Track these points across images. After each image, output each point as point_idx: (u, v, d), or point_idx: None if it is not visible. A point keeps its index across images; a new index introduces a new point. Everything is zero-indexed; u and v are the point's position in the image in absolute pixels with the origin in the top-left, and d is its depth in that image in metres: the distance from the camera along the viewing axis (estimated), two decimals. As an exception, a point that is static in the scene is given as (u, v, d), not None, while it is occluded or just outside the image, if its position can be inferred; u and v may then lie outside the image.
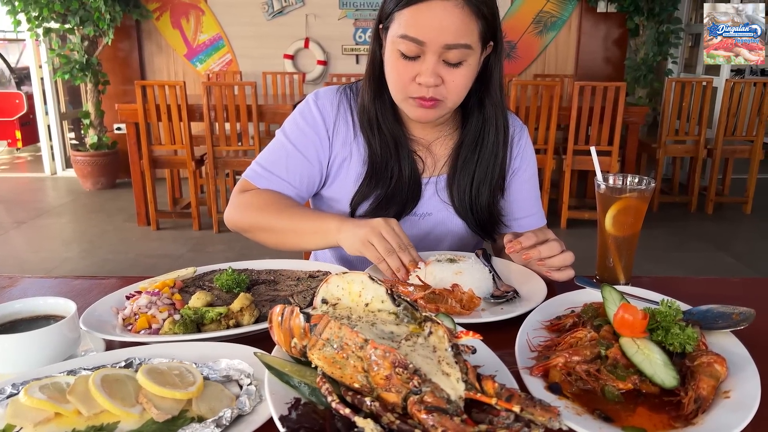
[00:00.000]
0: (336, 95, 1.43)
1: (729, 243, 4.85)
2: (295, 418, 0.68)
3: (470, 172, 1.39)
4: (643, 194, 1.17)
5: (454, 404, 0.67)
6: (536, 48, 6.62)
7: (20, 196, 6.38)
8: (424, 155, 1.41)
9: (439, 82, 1.22)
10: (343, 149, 1.41)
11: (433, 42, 1.17)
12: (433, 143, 1.42)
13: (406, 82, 1.24)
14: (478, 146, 1.38)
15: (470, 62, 1.22)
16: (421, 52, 1.19)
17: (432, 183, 1.42)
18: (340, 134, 1.41)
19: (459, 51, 1.19)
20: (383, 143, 1.37)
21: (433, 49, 1.18)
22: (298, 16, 6.53)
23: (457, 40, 1.17)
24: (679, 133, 5.35)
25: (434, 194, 1.42)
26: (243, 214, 1.37)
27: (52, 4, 5.62)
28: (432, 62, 1.19)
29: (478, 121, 1.38)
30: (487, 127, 1.37)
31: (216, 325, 1.00)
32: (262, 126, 5.33)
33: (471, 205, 1.40)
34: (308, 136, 1.40)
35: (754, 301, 1.02)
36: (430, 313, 0.79)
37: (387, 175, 1.37)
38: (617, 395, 0.79)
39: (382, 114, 1.36)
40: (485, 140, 1.38)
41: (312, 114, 1.41)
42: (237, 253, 4.48)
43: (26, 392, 0.74)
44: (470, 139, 1.38)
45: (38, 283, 1.30)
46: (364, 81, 1.38)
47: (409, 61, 1.22)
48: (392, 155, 1.37)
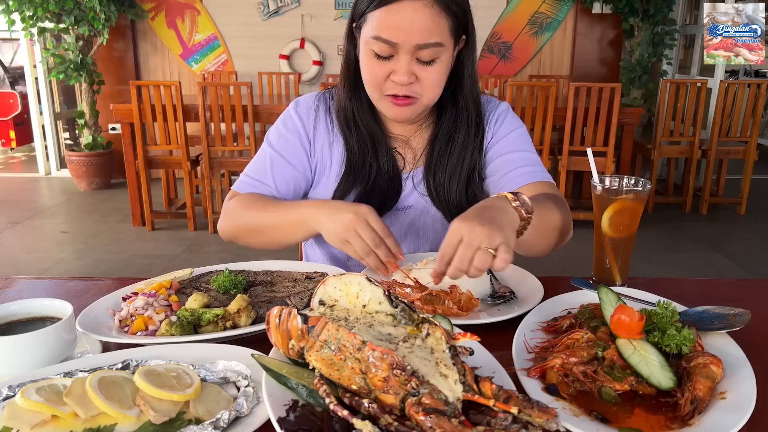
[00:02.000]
0: (315, 101, 1.46)
1: (723, 244, 4.87)
2: (293, 420, 0.68)
3: (444, 164, 1.39)
4: (639, 196, 1.17)
5: (452, 406, 0.67)
6: (532, 49, 6.63)
7: (14, 196, 6.35)
8: (403, 151, 1.42)
9: (413, 80, 1.23)
10: (324, 152, 1.43)
11: (405, 42, 1.19)
12: (411, 138, 1.43)
13: (381, 81, 1.25)
14: (452, 138, 1.39)
15: (443, 59, 1.24)
16: (394, 51, 1.21)
17: (410, 177, 1.43)
18: (320, 138, 1.43)
19: (431, 50, 1.20)
20: (360, 140, 1.38)
21: (405, 49, 1.20)
22: (293, 17, 6.53)
23: (428, 39, 1.19)
24: (673, 134, 5.37)
25: (413, 188, 1.42)
26: (229, 221, 1.39)
27: (46, 4, 5.59)
28: (405, 61, 1.21)
29: (451, 113, 1.38)
30: (459, 119, 1.38)
31: (213, 326, 1.00)
32: (257, 126, 5.31)
33: (447, 196, 1.40)
34: (291, 143, 1.42)
35: (749, 302, 1.03)
36: (427, 315, 0.79)
37: (365, 171, 1.38)
38: (614, 396, 0.80)
39: (358, 111, 1.37)
40: (458, 132, 1.38)
41: (293, 121, 1.44)
42: (232, 254, 4.47)
43: (23, 394, 0.74)
44: (444, 131, 1.39)
45: (34, 284, 1.30)
46: (339, 80, 1.39)
47: (383, 61, 1.23)
48: (369, 151, 1.38)
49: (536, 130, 4.73)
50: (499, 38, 6.53)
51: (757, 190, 5.93)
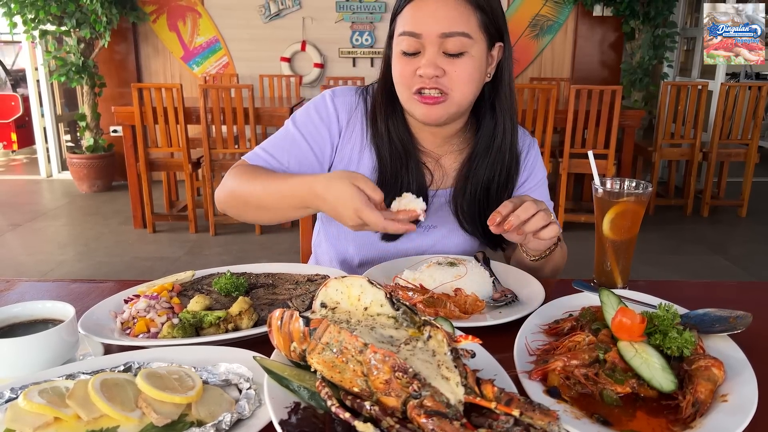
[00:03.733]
0: (354, 97, 1.41)
1: (724, 246, 4.87)
2: (295, 423, 0.68)
3: (480, 178, 1.37)
4: (640, 198, 1.17)
5: (454, 408, 0.67)
6: (532, 51, 6.64)
7: (16, 198, 6.36)
8: (432, 167, 1.39)
9: (440, 73, 1.21)
10: (353, 155, 1.39)
11: (429, 32, 1.19)
12: (443, 157, 1.40)
13: (408, 78, 1.24)
14: (490, 150, 1.36)
15: (473, 53, 1.22)
16: (420, 46, 1.21)
17: (440, 196, 1.40)
18: (353, 137, 1.39)
19: (457, 40, 1.19)
20: (393, 152, 1.35)
21: (430, 40, 1.19)
22: (294, 19, 6.54)
23: (452, 28, 1.18)
24: (674, 136, 5.37)
25: (441, 207, 1.40)
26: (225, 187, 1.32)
27: (48, 7, 5.61)
28: (431, 53, 1.20)
29: (490, 126, 1.36)
30: (497, 129, 1.36)
31: (215, 328, 1.00)
32: (258, 129, 5.32)
33: (479, 214, 1.38)
34: (318, 130, 1.38)
35: (750, 304, 1.03)
36: (429, 317, 0.79)
37: (397, 185, 1.34)
38: (615, 399, 0.80)
39: (393, 123, 1.35)
40: (495, 143, 1.36)
41: (327, 110, 1.39)
42: (233, 256, 4.48)
43: (25, 397, 0.74)
44: (483, 144, 1.37)
45: (36, 286, 1.30)
46: (377, 89, 1.37)
47: (411, 57, 1.23)
48: (402, 164, 1.35)
49: (537, 133, 4.73)
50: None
51: (757, 193, 5.93)
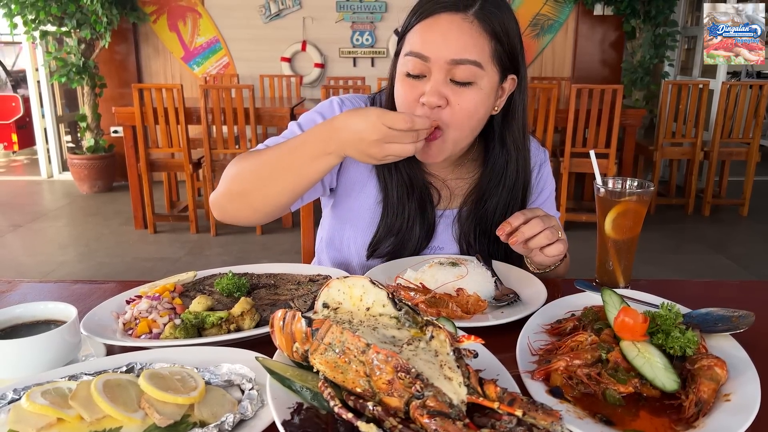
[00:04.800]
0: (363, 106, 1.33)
1: (726, 245, 4.87)
2: (298, 423, 0.68)
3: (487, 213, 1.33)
4: (642, 198, 1.17)
5: (457, 408, 0.67)
6: (533, 51, 6.64)
7: (17, 199, 6.37)
8: (439, 186, 1.36)
9: (442, 103, 1.12)
10: (358, 171, 1.35)
11: (438, 57, 1.10)
12: (449, 180, 1.37)
13: (411, 104, 1.14)
14: (501, 186, 1.32)
15: (481, 86, 1.13)
16: (427, 70, 1.12)
17: (447, 216, 1.37)
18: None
19: (467, 68, 1.11)
20: (400, 183, 1.30)
21: (438, 65, 1.11)
22: (295, 19, 6.54)
23: (462, 55, 1.10)
24: (675, 135, 5.37)
25: (447, 228, 1.37)
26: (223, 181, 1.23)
27: (48, 7, 5.61)
28: (437, 80, 1.11)
29: (500, 160, 1.30)
30: (510, 167, 1.31)
31: (217, 329, 1.00)
32: (259, 129, 5.32)
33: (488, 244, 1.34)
34: None
35: (753, 303, 1.03)
36: (431, 318, 0.79)
37: (404, 216, 1.31)
38: (618, 399, 0.80)
39: None
40: (506, 181, 1.32)
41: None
42: (234, 256, 4.48)
43: (28, 398, 0.74)
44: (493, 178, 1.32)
45: (37, 287, 1.30)
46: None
47: (415, 80, 1.14)
48: (409, 196, 1.30)
49: (538, 133, 4.73)
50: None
51: (759, 192, 5.93)
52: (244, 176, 1.18)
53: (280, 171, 1.14)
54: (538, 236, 1.13)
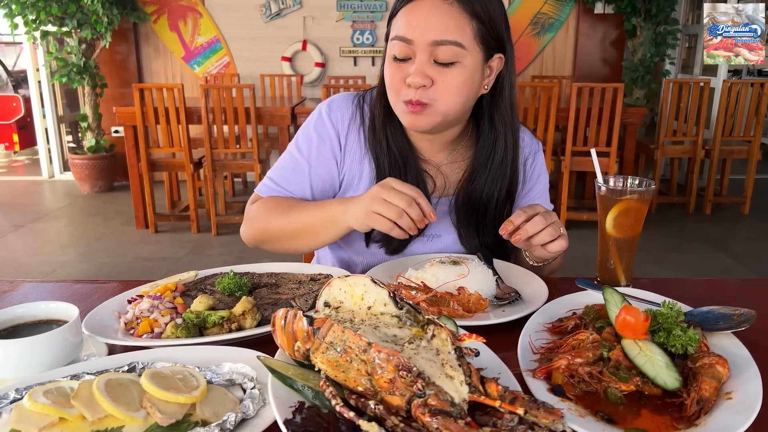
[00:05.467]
0: (350, 107, 1.39)
1: (727, 243, 4.86)
2: (300, 422, 0.68)
3: (478, 193, 1.35)
4: (643, 196, 1.17)
5: (458, 407, 0.67)
6: (534, 49, 6.63)
7: (18, 199, 6.37)
8: (434, 174, 1.38)
9: (427, 83, 1.17)
10: (354, 164, 1.38)
11: (420, 39, 1.15)
12: (444, 165, 1.39)
13: (398, 85, 1.21)
14: (489, 165, 1.34)
15: (465, 64, 1.18)
16: (411, 52, 1.17)
17: (442, 204, 1.38)
18: (352, 148, 1.38)
19: (449, 48, 1.15)
20: (391, 159, 1.34)
21: (421, 47, 1.16)
22: (295, 19, 6.54)
23: (444, 36, 1.15)
24: (676, 133, 5.36)
25: (444, 215, 1.38)
26: (253, 225, 1.36)
27: (49, 8, 5.61)
28: (421, 61, 1.17)
29: (489, 138, 1.33)
30: (498, 145, 1.33)
31: (218, 328, 1.00)
32: (260, 128, 5.33)
33: (479, 227, 1.37)
34: (321, 151, 1.37)
35: (754, 302, 1.03)
36: (432, 316, 0.79)
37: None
38: (620, 397, 0.80)
39: (391, 131, 1.33)
40: (495, 157, 1.33)
41: (325, 128, 1.38)
42: (235, 256, 4.48)
43: (30, 397, 0.74)
44: (482, 157, 1.34)
45: (39, 287, 1.30)
46: (376, 94, 1.35)
47: (401, 63, 1.20)
48: (400, 173, 1.33)
49: (539, 131, 4.73)
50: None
51: (760, 190, 5.92)
52: (270, 230, 1.34)
53: (301, 232, 1.30)
54: (541, 233, 1.13)
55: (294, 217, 1.30)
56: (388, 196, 1.11)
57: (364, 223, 1.16)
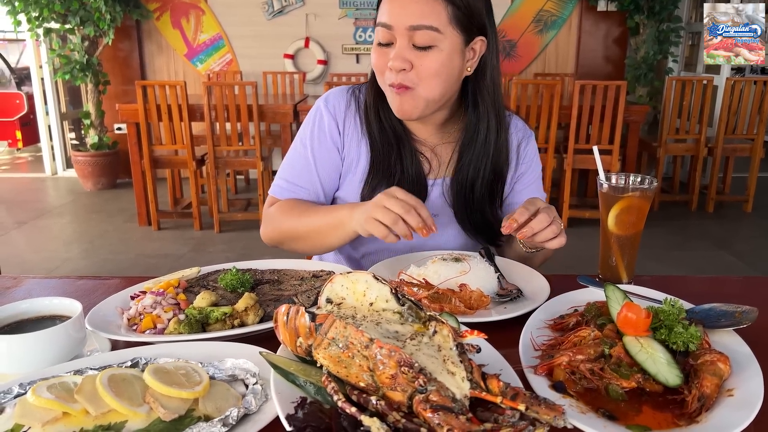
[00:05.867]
0: (345, 96, 1.45)
1: (730, 241, 4.85)
2: (302, 417, 0.69)
3: (465, 173, 1.39)
4: (645, 193, 1.17)
5: (460, 403, 0.67)
6: (536, 47, 6.62)
7: (21, 196, 6.39)
8: (429, 156, 1.42)
9: (407, 66, 1.22)
10: (352, 149, 1.43)
11: (399, 24, 1.20)
12: (438, 146, 1.43)
13: (382, 69, 1.26)
14: (473, 145, 1.38)
15: (442, 48, 1.22)
16: (392, 38, 1.23)
17: (438, 184, 1.42)
18: (350, 134, 1.43)
19: (425, 33, 1.20)
20: (384, 137, 1.38)
21: (400, 32, 1.21)
22: (298, 16, 6.53)
23: (420, 21, 1.19)
24: (679, 131, 5.35)
25: (440, 195, 1.42)
26: (271, 228, 1.41)
27: (52, 5, 5.62)
28: (401, 46, 1.22)
29: (473, 120, 1.38)
30: (481, 125, 1.37)
31: (221, 324, 1.01)
32: (262, 126, 5.33)
33: (468, 207, 1.40)
34: (324, 144, 1.42)
35: (756, 299, 1.03)
36: (434, 313, 0.79)
37: (389, 170, 1.38)
38: (621, 394, 0.80)
39: (383, 110, 1.38)
40: (478, 137, 1.38)
41: (324, 120, 1.43)
42: (238, 253, 4.49)
43: (34, 392, 0.74)
44: (467, 137, 1.39)
45: (42, 283, 1.31)
46: (368, 82, 1.40)
47: (385, 48, 1.25)
48: (393, 149, 1.38)
49: (541, 129, 4.72)
50: (504, 36, 6.52)
51: (763, 188, 5.91)
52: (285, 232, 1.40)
53: (312, 235, 1.36)
54: (545, 230, 1.14)
55: (306, 219, 1.35)
56: (388, 203, 1.13)
57: (364, 228, 1.18)
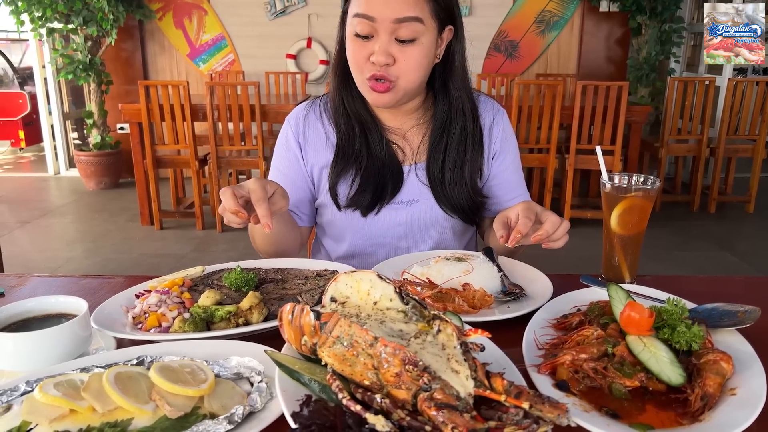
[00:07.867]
0: (304, 109, 1.49)
1: (731, 242, 4.85)
2: (307, 415, 0.69)
3: (441, 158, 1.40)
4: (648, 193, 1.18)
5: (464, 401, 0.68)
6: (538, 47, 6.62)
7: (24, 195, 6.40)
8: (402, 143, 1.43)
9: (390, 61, 1.23)
10: (318, 154, 1.45)
11: (383, 17, 1.19)
12: (408, 132, 1.44)
13: (362, 62, 1.26)
14: (446, 131, 1.40)
15: (423, 41, 1.23)
16: (374, 30, 1.22)
17: (413, 170, 1.43)
18: (312, 142, 1.45)
19: (410, 25, 1.20)
20: (348, 125, 1.40)
21: (384, 26, 1.20)
22: (300, 16, 6.54)
23: (405, 13, 1.19)
24: (681, 132, 5.34)
25: (418, 181, 1.43)
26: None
27: (55, 5, 5.62)
28: (385, 40, 1.22)
29: (444, 106, 1.39)
30: (454, 111, 1.39)
31: (225, 323, 1.01)
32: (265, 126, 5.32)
33: (447, 191, 1.41)
34: (288, 159, 1.46)
35: (758, 299, 1.03)
36: (438, 312, 0.80)
37: (354, 154, 1.39)
38: (624, 393, 0.80)
39: (347, 100, 1.39)
40: (453, 125, 1.39)
41: (287, 136, 1.47)
42: (240, 252, 4.49)
43: (41, 389, 0.75)
44: (438, 124, 1.40)
45: (47, 282, 1.31)
46: (331, 69, 1.41)
47: (364, 41, 1.24)
48: (357, 134, 1.39)
49: (543, 129, 4.73)
50: (506, 37, 6.52)
51: (765, 189, 5.90)
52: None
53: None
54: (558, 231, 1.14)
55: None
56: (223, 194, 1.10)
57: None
